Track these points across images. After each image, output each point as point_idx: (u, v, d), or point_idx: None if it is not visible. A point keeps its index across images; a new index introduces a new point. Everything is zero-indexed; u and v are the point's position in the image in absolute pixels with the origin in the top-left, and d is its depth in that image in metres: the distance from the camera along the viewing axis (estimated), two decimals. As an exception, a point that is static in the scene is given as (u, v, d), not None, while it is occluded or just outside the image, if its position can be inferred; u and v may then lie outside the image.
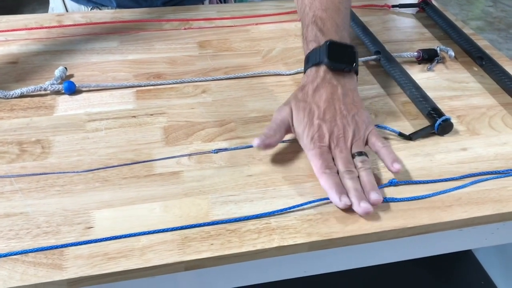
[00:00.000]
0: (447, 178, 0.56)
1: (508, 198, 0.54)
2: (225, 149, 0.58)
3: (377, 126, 0.62)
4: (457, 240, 0.57)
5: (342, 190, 0.51)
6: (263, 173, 0.56)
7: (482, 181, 0.56)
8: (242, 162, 0.57)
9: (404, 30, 0.88)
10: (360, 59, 0.75)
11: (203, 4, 0.95)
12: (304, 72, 0.62)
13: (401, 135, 0.61)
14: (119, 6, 0.90)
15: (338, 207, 0.51)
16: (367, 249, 0.53)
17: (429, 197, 0.53)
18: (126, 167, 0.55)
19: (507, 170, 0.57)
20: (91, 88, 0.67)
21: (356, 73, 0.61)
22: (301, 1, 0.68)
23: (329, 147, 0.55)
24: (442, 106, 0.66)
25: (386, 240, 0.51)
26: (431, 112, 0.63)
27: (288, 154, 0.58)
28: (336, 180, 0.52)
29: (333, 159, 0.55)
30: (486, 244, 0.59)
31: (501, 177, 0.56)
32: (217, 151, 0.58)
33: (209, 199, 0.52)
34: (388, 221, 0.51)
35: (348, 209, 0.51)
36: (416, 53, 0.77)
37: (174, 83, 0.69)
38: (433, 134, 0.62)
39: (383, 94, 0.69)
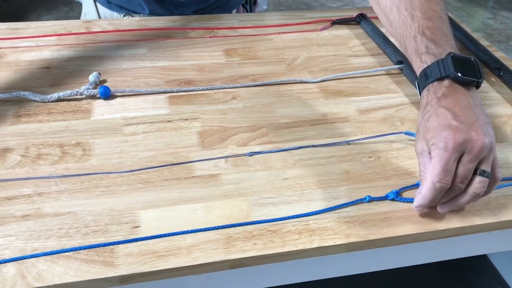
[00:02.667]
0: (475, 183, 0.58)
1: (535, 203, 0.56)
2: (259, 152, 0.60)
3: (405, 133, 0.64)
4: (485, 243, 0.59)
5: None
6: (298, 177, 0.57)
7: (508, 185, 0.58)
8: (277, 166, 0.59)
9: (422, 41, 0.90)
10: (383, 68, 0.78)
11: (231, 13, 0.98)
12: (422, 88, 0.57)
13: (428, 141, 0.63)
14: (151, 13, 0.92)
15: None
16: (399, 251, 0.55)
17: (459, 201, 0.55)
18: (166, 170, 0.57)
19: (531, 176, 0.60)
20: (125, 93, 0.69)
21: (478, 87, 0.56)
22: (396, 13, 0.64)
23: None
24: (465, 114, 0.68)
25: (420, 242, 0.53)
26: (456, 120, 0.65)
27: (321, 159, 0.60)
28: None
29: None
30: (513, 247, 0.61)
31: (526, 182, 0.59)
32: (251, 154, 0.60)
33: (249, 201, 0.54)
34: (422, 224, 0.52)
35: (384, 212, 0.53)
36: (436, 63, 0.79)
37: (205, 90, 0.71)
38: (458, 141, 0.64)
39: (407, 102, 0.72)
